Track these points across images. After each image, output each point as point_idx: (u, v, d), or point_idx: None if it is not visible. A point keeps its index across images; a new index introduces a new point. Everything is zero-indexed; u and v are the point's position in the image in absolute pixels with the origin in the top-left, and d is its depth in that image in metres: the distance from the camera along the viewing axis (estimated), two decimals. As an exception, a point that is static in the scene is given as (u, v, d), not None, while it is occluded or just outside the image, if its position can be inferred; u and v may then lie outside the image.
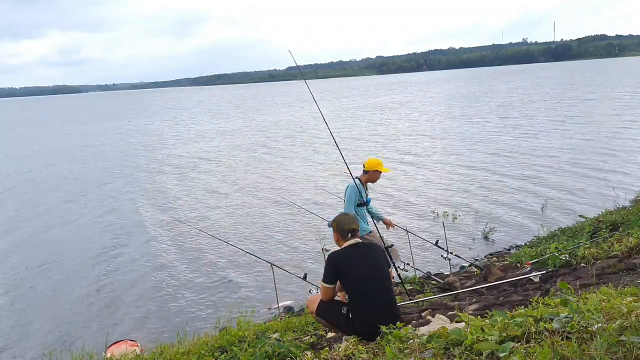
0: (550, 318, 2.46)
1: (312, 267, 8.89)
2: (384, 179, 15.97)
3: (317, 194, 14.52)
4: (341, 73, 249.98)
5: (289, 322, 5.28)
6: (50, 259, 10.94)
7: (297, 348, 3.52)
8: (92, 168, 22.64)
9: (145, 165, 22.65)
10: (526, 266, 6.45)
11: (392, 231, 7.07)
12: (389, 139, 25.35)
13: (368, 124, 33.05)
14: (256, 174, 18.77)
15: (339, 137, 23.87)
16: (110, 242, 11.89)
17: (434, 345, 2.51)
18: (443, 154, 20.09)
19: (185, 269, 9.85)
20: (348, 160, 5.97)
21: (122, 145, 30.71)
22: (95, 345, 6.38)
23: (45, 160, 26.22)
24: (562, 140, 21.14)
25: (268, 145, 26.45)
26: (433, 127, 29.22)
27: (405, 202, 13.44)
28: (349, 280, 3.72)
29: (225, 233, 11.66)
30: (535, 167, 16.38)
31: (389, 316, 3.52)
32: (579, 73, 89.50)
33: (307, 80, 7.15)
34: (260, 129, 34.74)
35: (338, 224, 3.89)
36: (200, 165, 21.52)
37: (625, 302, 2.52)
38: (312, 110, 9.34)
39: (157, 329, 7.56)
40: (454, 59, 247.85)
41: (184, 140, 31.70)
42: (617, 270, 4.74)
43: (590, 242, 6.33)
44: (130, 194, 16.77)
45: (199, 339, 5.12)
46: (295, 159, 21.46)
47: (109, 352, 5.82)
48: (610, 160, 16.50)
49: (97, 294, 9.00)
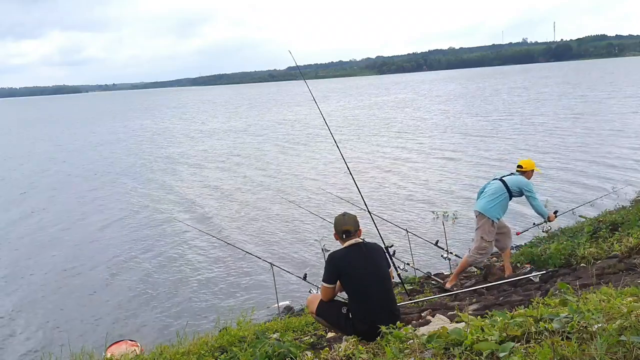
0: (550, 318, 2.46)
1: (312, 267, 8.88)
2: (385, 179, 16.04)
3: (318, 194, 14.52)
4: (341, 73, 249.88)
5: (289, 322, 5.28)
6: (50, 259, 10.94)
7: (297, 348, 3.52)
8: (91, 165, 22.65)
9: (147, 163, 22.65)
10: (526, 266, 6.45)
11: (392, 231, 7.07)
12: (391, 138, 25.35)
13: (368, 124, 33.03)
14: (256, 174, 18.76)
15: (340, 137, 23.93)
16: (108, 242, 11.89)
17: (434, 345, 2.51)
18: (443, 154, 20.08)
19: (185, 269, 9.85)
20: (348, 160, 5.97)
21: (126, 141, 30.77)
22: (95, 345, 6.37)
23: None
24: (563, 139, 21.14)
25: (269, 145, 26.45)
26: (433, 127, 29.20)
27: (405, 202, 13.43)
28: (349, 280, 3.72)
29: (225, 233, 11.66)
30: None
31: (389, 316, 3.53)
32: (582, 72, 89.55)
33: (307, 80, 7.15)
34: (261, 128, 34.76)
35: (335, 225, 3.90)
36: (200, 165, 21.52)
37: (625, 302, 2.52)
38: (319, 109, 9.43)
39: (157, 329, 7.56)
40: (454, 59, 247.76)
41: (191, 138, 31.87)
42: (617, 270, 4.74)
43: (590, 242, 6.33)
44: (130, 194, 16.77)
45: (199, 339, 5.12)
46: (296, 159, 21.45)
47: (109, 352, 5.81)
48: (611, 160, 16.48)
49: (97, 294, 9.00)
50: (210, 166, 21.25)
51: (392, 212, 12.30)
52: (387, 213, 11.77)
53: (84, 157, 26.51)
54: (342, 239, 3.83)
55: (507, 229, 6.54)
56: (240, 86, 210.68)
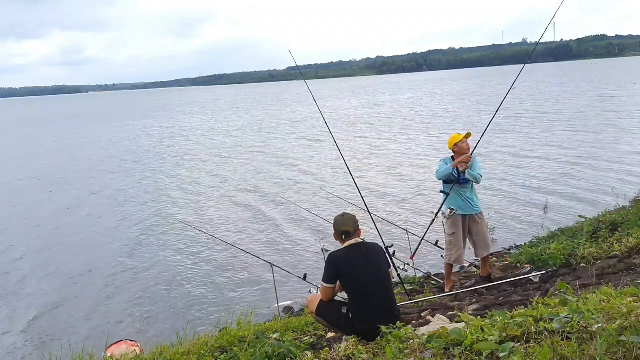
0: (550, 318, 2.46)
1: (312, 267, 8.88)
2: (383, 179, 16.03)
3: (318, 194, 14.51)
4: (341, 73, 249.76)
5: (289, 322, 5.28)
6: (50, 259, 10.95)
7: (297, 348, 3.52)
8: (92, 166, 22.67)
9: (149, 163, 22.66)
10: (526, 266, 6.45)
11: (391, 231, 7.06)
12: (391, 138, 25.35)
13: (368, 123, 33.03)
14: (257, 173, 18.75)
15: (341, 137, 23.91)
16: (108, 242, 11.89)
17: (434, 346, 2.51)
18: (441, 153, 20.05)
19: (185, 269, 9.85)
20: (348, 160, 5.97)
21: (123, 143, 30.80)
22: (95, 345, 6.37)
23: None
24: (564, 138, 21.12)
25: (269, 144, 26.45)
26: (434, 126, 29.19)
27: (405, 202, 13.43)
28: (349, 280, 3.72)
29: (225, 233, 11.65)
30: (536, 166, 16.37)
31: (389, 316, 3.53)
32: (586, 72, 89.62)
33: (307, 80, 7.15)
34: (261, 127, 34.78)
35: (334, 225, 3.90)
36: (201, 163, 21.52)
37: (625, 302, 2.52)
38: (319, 109, 9.49)
39: (157, 329, 7.56)
40: (454, 59, 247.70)
41: (189, 137, 31.87)
42: (617, 270, 4.74)
43: (590, 242, 6.33)
44: (128, 193, 16.77)
45: (199, 339, 5.12)
46: (297, 158, 21.45)
47: (109, 352, 5.80)
48: (612, 159, 16.47)
49: (98, 294, 9.00)
50: (210, 165, 21.23)
51: (392, 212, 12.30)
52: (387, 213, 11.77)
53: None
54: (342, 239, 3.84)
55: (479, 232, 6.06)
56: (242, 86, 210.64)
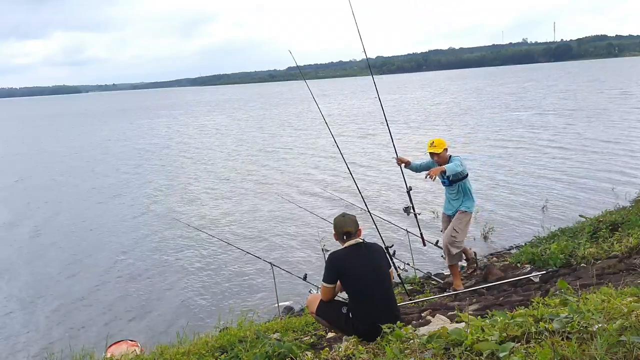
0: (550, 318, 2.46)
1: (312, 267, 8.88)
2: (384, 178, 16.02)
3: (318, 194, 14.51)
4: (341, 73, 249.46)
5: (289, 322, 5.28)
6: (50, 259, 10.94)
7: (297, 348, 3.53)
8: (93, 167, 22.68)
9: (149, 163, 22.66)
10: (526, 266, 6.45)
11: (391, 231, 7.05)
12: (389, 138, 25.30)
13: (369, 122, 33.02)
14: (256, 174, 18.76)
15: (341, 137, 23.91)
16: (108, 242, 11.89)
17: (434, 346, 2.51)
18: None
19: (185, 269, 9.85)
20: (348, 160, 5.97)
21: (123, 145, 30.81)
22: (96, 345, 6.38)
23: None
24: (564, 138, 21.12)
25: (270, 144, 26.45)
26: (433, 126, 29.19)
27: (404, 201, 13.40)
28: (349, 280, 3.72)
29: (225, 233, 11.65)
30: (536, 166, 16.36)
31: (389, 316, 3.52)
32: (586, 72, 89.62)
33: (307, 80, 7.15)
34: (261, 127, 34.78)
35: (335, 226, 3.90)
36: (201, 163, 21.53)
37: (626, 302, 2.52)
38: (319, 109, 9.47)
39: (157, 329, 7.56)
40: (454, 59, 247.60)
41: (189, 136, 31.88)
42: (617, 270, 4.75)
43: (591, 242, 6.33)
44: (128, 194, 16.77)
45: (199, 339, 5.12)
46: (297, 158, 21.45)
47: (109, 352, 5.81)
48: (612, 159, 16.48)
49: (97, 294, 9.00)
50: (210, 165, 21.24)
51: (391, 211, 12.29)
52: (387, 212, 11.76)
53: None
54: (342, 240, 3.84)
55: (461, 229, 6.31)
56: (244, 86, 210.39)
